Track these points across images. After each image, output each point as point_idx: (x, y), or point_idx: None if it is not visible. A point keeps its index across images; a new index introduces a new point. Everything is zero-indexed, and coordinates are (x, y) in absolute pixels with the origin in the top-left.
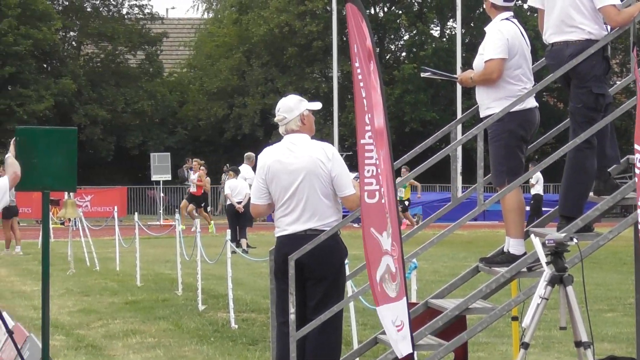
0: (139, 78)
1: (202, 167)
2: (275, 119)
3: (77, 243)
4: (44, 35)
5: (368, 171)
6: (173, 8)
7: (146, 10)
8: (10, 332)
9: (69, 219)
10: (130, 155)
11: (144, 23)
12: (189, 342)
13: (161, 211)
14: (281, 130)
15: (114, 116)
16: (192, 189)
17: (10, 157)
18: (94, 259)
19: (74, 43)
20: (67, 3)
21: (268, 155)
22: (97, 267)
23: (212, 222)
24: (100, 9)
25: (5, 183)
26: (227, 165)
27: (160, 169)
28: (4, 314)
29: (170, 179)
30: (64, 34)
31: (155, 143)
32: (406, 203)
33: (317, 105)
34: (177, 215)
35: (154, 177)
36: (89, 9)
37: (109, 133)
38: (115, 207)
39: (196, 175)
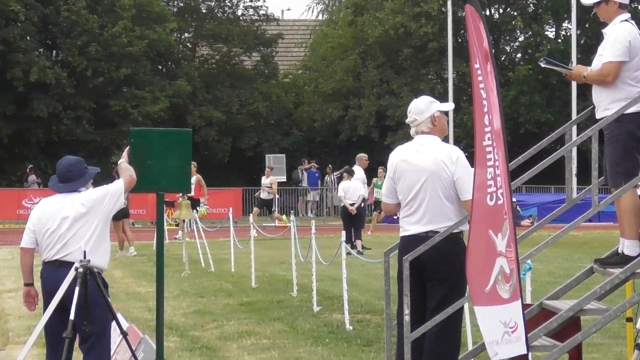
0: (254, 79)
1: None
2: (407, 121)
3: (192, 244)
4: (159, 36)
5: (489, 173)
6: (288, 9)
7: (261, 12)
8: (124, 334)
9: (184, 221)
10: (245, 156)
11: (259, 24)
12: (303, 344)
13: (276, 212)
14: (412, 132)
15: (229, 118)
16: (263, 195)
17: (123, 162)
18: (209, 261)
19: (188, 44)
20: (182, 4)
21: (397, 155)
22: (212, 269)
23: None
24: (215, 11)
25: (120, 186)
26: (330, 166)
27: (275, 170)
28: (119, 316)
29: (285, 180)
30: (179, 35)
31: (270, 144)
32: None
33: (449, 106)
34: (292, 217)
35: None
36: (204, 10)
37: (224, 134)
38: (230, 209)
39: (268, 180)
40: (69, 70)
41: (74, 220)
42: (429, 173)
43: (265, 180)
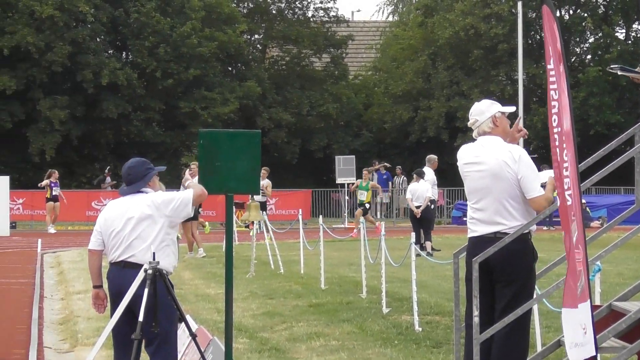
0: (324, 81)
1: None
2: (469, 124)
3: (261, 246)
4: (229, 37)
5: (558, 174)
6: (358, 11)
7: (331, 13)
8: (193, 335)
9: (253, 222)
10: (315, 158)
11: (329, 26)
12: (372, 345)
13: (346, 214)
14: (474, 134)
15: (299, 119)
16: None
17: (191, 182)
18: (279, 262)
19: (258, 46)
20: (252, 6)
21: (460, 157)
22: (282, 270)
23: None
24: (285, 12)
25: (189, 196)
26: (399, 167)
27: (345, 171)
28: (188, 317)
29: (354, 181)
30: (249, 36)
31: (340, 146)
32: (367, 206)
33: (510, 108)
34: (361, 218)
35: (339, 180)
36: (274, 12)
37: (293, 136)
38: (300, 210)
39: (264, 182)
40: (139, 71)
41: (138, 221)
42: (493, 174)
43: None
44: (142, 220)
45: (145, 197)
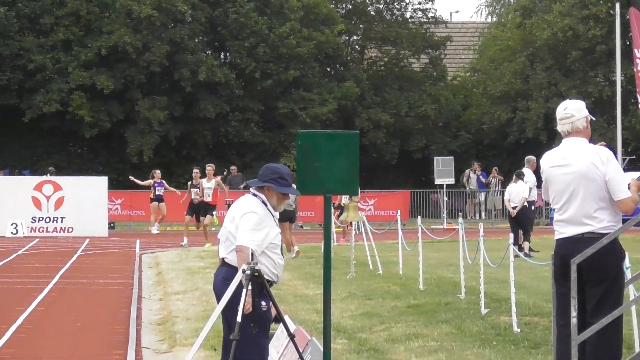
0: (422, 82)
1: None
2: (563, 116)
3: (359, 247)
4: (327, 38)
5: None
6: (457, 12)
7: (430, 14)
8: (291, 336)
9: (351, 223)
10: (413, 159)
11: (427, 27)
12: (471, 346)
13: (444, 215)
14: (565, 128)
15: (397, 120)
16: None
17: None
18: (377, 263)
19: (357, 47)
20: (350, 7)
21: (546, 161)
22: (380, 271)
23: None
24: (384, 13)
25: (243, 231)
26: (495, 169)
27: (443, 172)
28: (287, 318)
29: (453, 182)
30: (347, 37)
31: (438, 147)
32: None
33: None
34: (460, 219)
35: (438, 181)
36: (372, 13)
37: (392, 137)
38: (398, 211)
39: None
40: (237, 72)
41: (231, 221)
42: (580, 175)
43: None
44: (230, 223)
45: (244, 201)
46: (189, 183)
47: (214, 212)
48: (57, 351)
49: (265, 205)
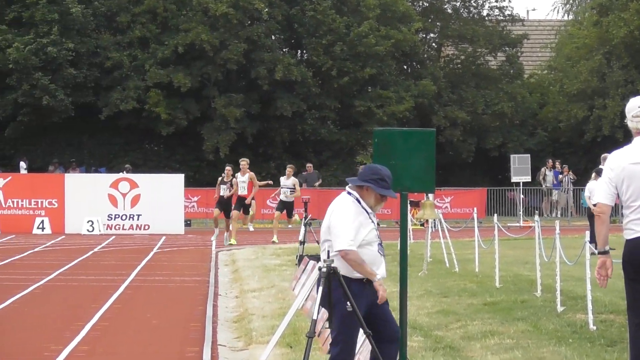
0: (499, 80)
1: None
2: (635, 113)
3: (436, 244)
4: (404, 36)
5: None
6: (533, 10)
7: (506, 12)
8: (368, 334)
9: (427, 220)
10: (489, 156)
11: (504, 25)
12: (547, 344)
13: (521, 213)
14: (636, 125)
15: (474, 118)
16: (282, 197)
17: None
18: (453, 260)
19: (434, 44)
20: (426, 4)
21: (623, 158)
22: (457, 269)
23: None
24: (461, 11)
25: (339, 239)
26: (566, 166)
27: (520, 170)
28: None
29: (530, 180)
30: (424, 35)
31: (515, 145)
32: None
33: None
34: (536, 217)
35: (514, 179)
36: (449, 11)
37: (469, 134)
38: (475, 209)
39: (290, 181)
40: (314, 70)
41: (326, 219)
42: None
43: (286, 181)
44: (327, 229)
45: (336, 202)
46: (219, 179)
47: (294, 212)
48: (132, 348)
49: (359, 202)
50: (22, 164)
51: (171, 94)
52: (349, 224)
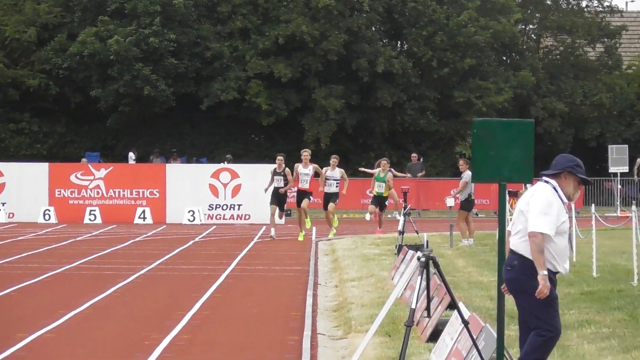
0: (597, 71)
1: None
2: None
3: None
4: (503, 27)
5: None
6: (632, 1)
7: (605, 3)
8: (466, 323)
9: None
10: (588, 147)
11: (603, 16)
12: None
13: (618, 203)
14: None
15: (572, 109)
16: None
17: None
18: None
19: (533, 36)
20: None
21: None
22: None
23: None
24: (560, 2)
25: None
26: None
27: (617, 161)
28: (461, 305)
29: (627, 170)
30: (523, 26)
31: (612, 135)
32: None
33: None
34: (633, 207)
35: (612, 169)
36: (548, 2)
37: (567, 125)
38: None
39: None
40: (414, 60)
41: (519, 208)
42: None
43: (332, 172)
44: (520, 210)
45: (534, 189)
46: (272, 170)
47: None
48: (233, 337)
49: (556, 191)
50: (131, 155)
51: (271, 85)
52: (548, 209)
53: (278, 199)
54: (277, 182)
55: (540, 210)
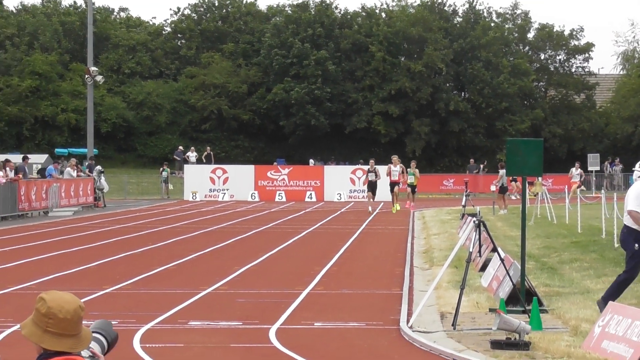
0: (581, 110)
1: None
2: None
3: (542, 207)
4: (525, 83)
5: None
6: (602, 68)
7: (586, 70)
8: (502, 260)
9: (537, 193)
10: (575, 155)
11: (584, 77)
12: (608, 265)
13: (593, 188)
14: None
15: (566, 132)
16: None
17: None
18: (553, 217)
19: (542, 89)
20: (538, 65)
21: None
22: (555, 221)
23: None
24: (559, 69)
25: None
26: (611, 159)
27: (593, 163)
28: (499, 249)
29: (599, 169)
30: (536, 83)
31: (590, 148)
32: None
33: None
34: (602, 191)
35: (590, 168)
36: (551, 69)
37: (563, 142)
38: (566, 186)
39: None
40: (472, 103)
41: (625, 200)
42: None
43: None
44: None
45: (632, 186)
46: (366, 169)
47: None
48: (363, 268)
49: None
50: (312, 161)
51: (387, 119)
52: (637, 193)
53: (372, 188)
54: (371, 177)
55: (634, 195)
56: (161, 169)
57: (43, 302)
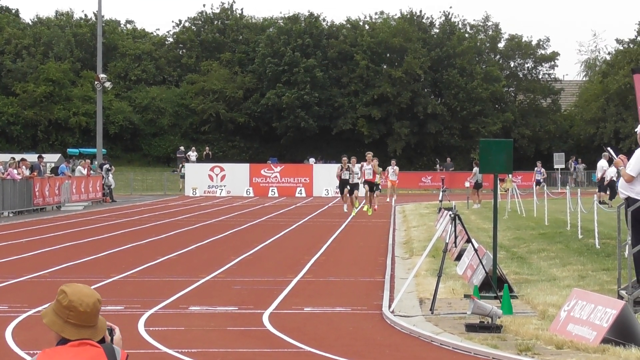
0: (547, 113)
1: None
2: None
3: (512, 202)
4: (496, 88)
5: None
6: (567, 74)
7: (552, 76)
8: (475, 250)
9: (508, 189)
10: (542, 154)
11: (550, 82)
12: (572, 255)
13: (559, 184)
14: None
15: (534, 133)
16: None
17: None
18: (522, 211)
19: (512, 94)
20: (508, 72)
21: None
22: (524, 215)
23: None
24: (527, 76)
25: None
26: (574, 157)
27: (559, 162)
28: (473, 240)
29: (563, 167)
30: (507, 88)
31: (556, 148)
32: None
33: None
34: (567, 187)
35: (555, 166)
36: (520, 75)
37: (531, 142)
38: (533, 183)
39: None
40: (447, 107)
41: None
42: None
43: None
44: None
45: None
46: (339, 166)
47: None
48: (349, 257)
49: None
50: (312, 159)
51: (370, 121)
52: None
53: (344, 185)
54: (345, 175)
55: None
56: (180, 165)
57: (64, 295)
